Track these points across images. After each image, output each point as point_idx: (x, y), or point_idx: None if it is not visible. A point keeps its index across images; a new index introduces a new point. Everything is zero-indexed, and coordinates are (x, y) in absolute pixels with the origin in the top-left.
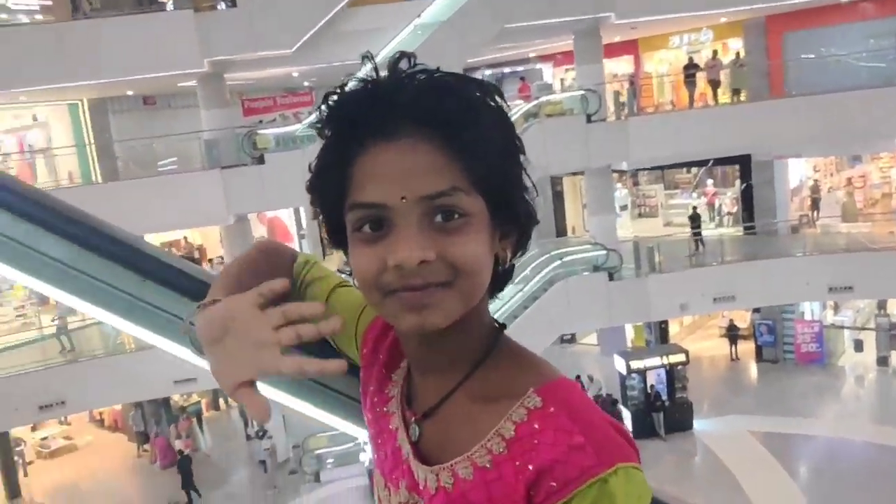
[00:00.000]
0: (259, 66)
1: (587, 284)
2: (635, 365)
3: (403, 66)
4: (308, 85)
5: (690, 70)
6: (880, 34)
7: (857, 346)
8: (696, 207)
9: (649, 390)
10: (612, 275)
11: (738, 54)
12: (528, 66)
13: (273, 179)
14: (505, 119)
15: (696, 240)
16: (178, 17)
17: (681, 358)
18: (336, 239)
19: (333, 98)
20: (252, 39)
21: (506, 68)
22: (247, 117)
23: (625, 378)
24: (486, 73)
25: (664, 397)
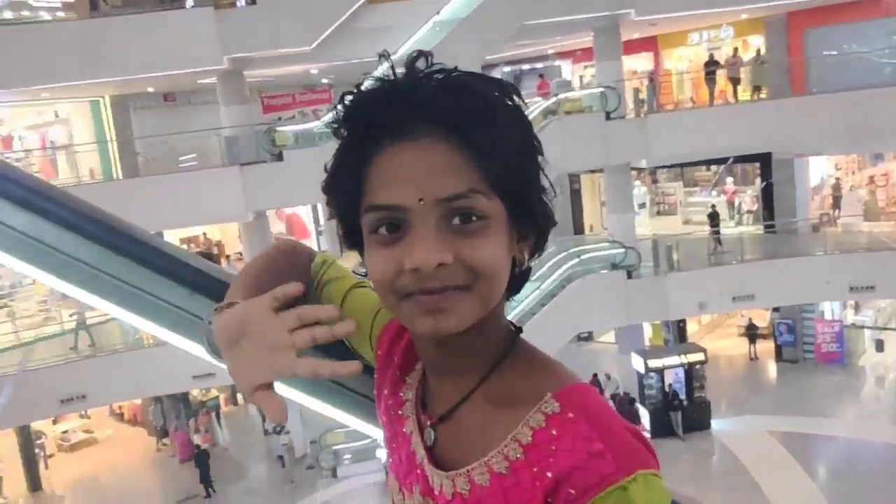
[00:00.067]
0: (278, 63)
1: (605, 282)
2: (653, 364)
3: (421, 65)
4: (327, 82)
5: (711, 67)
6: None
7: (878, 347)
8: (714, 206)
9: (667, 389)
10: (630, 273)
11: (758, 51)
12: (546, 63)
13: (291, 176)
14: (523, 119)
15: (715, 239)
16: (198, 14)
17: (699, 357)
18: (352, 240)
19: (350, 98)
20: (271, 36)
21: (524, 65)
22: (266, 114)
23: (642, 377)
24: (505, 70)
25: (682, 396)
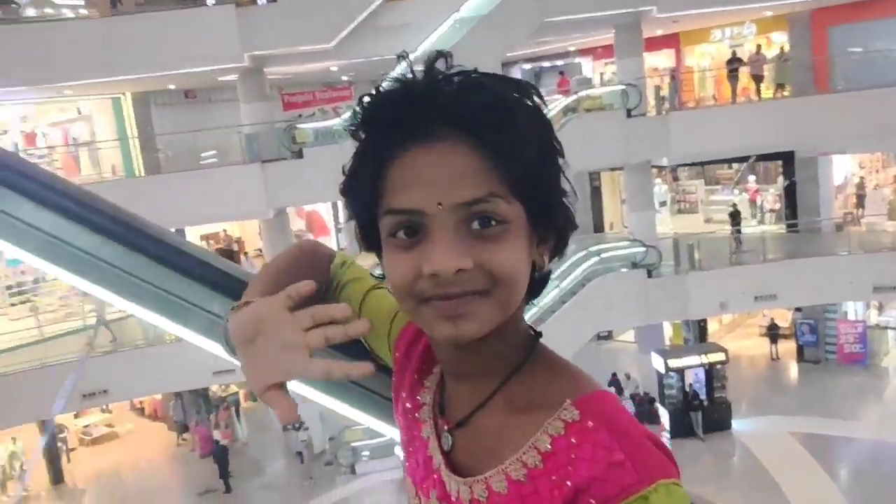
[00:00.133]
0: (298, 60)
1: (625, 281)
2: (673, 363)
3: (440, 66)
4: (347, 79)
5: (733, 64)
6: None
7: None
8: (735, 205)
9: (687, 389)
10: (650, 272)
11: (782, 48)
12: (567, 60)
13: (311, 173)
14: (544, 121)
15: (735, 238)
16: (219, 12)
17: (720, 357)
18: (369, 242)
19: (368, 100)
20: (292, 34)
21: (545, 62)
22: (286, 111)
23: (662, 377)
24: (525, 67)
25: (702, 396)
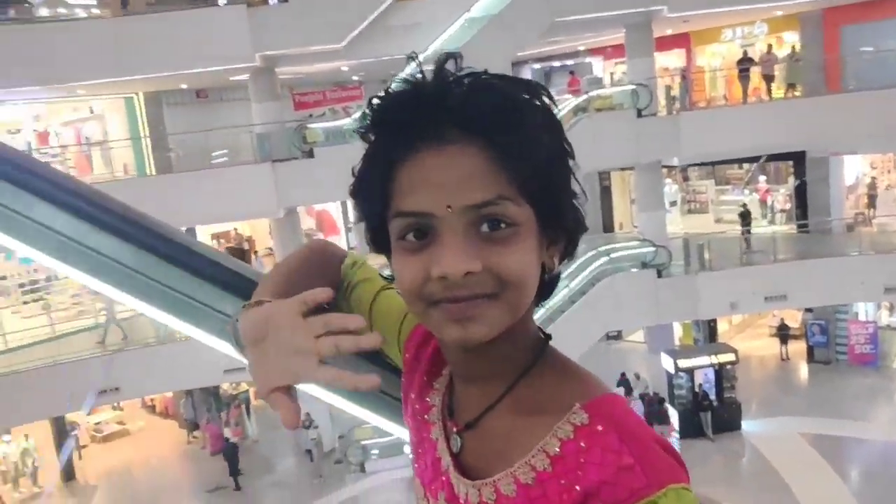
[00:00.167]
0: (309, 60)
1: (635, 281)
2: (683, 364)
3: (449, 67)
4: (357, 79)
5: (744, 64)
6: None
7: None
8: (745, 205)
9: (697, 389)
10: (660, 272)
11: (793, 48)
12: (577, 60)
13: (322, 173)
14: (554, 123)
15: (745, 238)
16: (231, 11)
17: (730, 357)
18: (379, 244)
19: (377, 102)
20: (303, 34)
21: (555, 62)
22: (297, 111)
23: (672, 377)
24: (535, 66)
25: (712, 397)
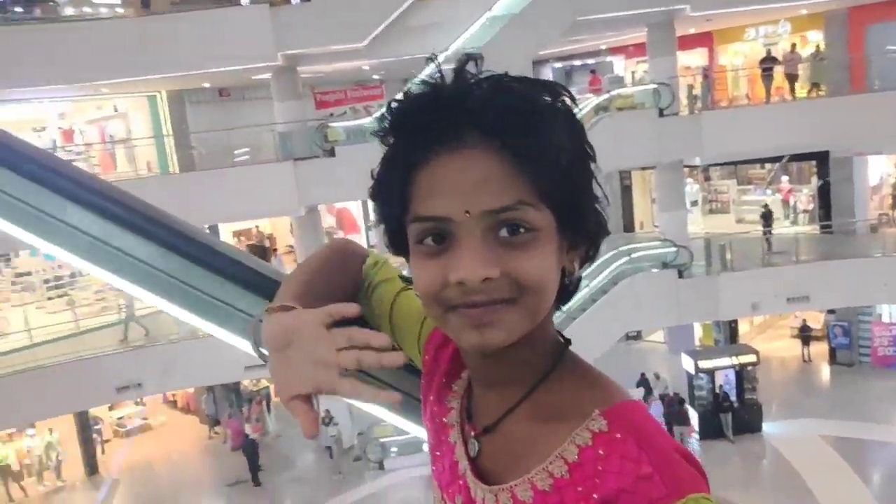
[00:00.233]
0: (330, 59)
1: (656, 281)
2: (704, 365)
3: (470, 69)
4: (378, 78)
5: (767, 63)
6: None
7: None
8: (766, 205)
9: (717, 391)
10: (681, 272)
11: (818, 47)
12: (598, 59)
13: (343, 172)
14: (575, 126)
15: (767, 239)
16: (254, 11)
17: (751, 359)
18: (398, 247)
19: (397, 105)
20: (325, 33)
21: (576, 61)
22: (318, 110)
23: (692, 377)
24: (556, 65)
25: (732, 398)
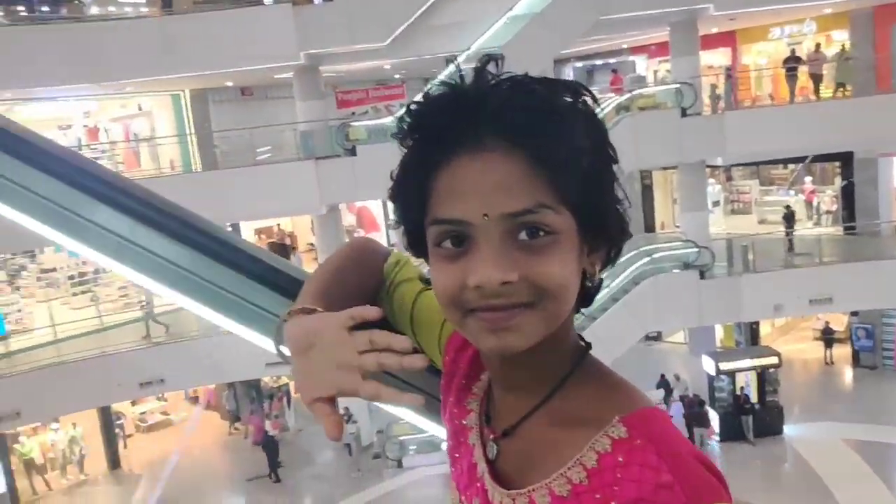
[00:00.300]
0: (352, 58)
1: (677, 282)
2: (725, 366)
3: (490, 70)
4: (399, 77)
5: (792, 63)
6: None
7: None
8: (789, 206)
9: (738, 392)
10: (703, 273)
11: (843, 47)
12: (620, 58)
13: (364, 171)
14: (597, 128)
15: (789, 240)
16: (276, 10)
17: (773, 361)
18: (417, 248)
19: (416, 107)
20: (347, 32)
21: (597, 60)
22: (340, 109)
23: (713, 379)
24: (577, 64)
25: (753, 400)
